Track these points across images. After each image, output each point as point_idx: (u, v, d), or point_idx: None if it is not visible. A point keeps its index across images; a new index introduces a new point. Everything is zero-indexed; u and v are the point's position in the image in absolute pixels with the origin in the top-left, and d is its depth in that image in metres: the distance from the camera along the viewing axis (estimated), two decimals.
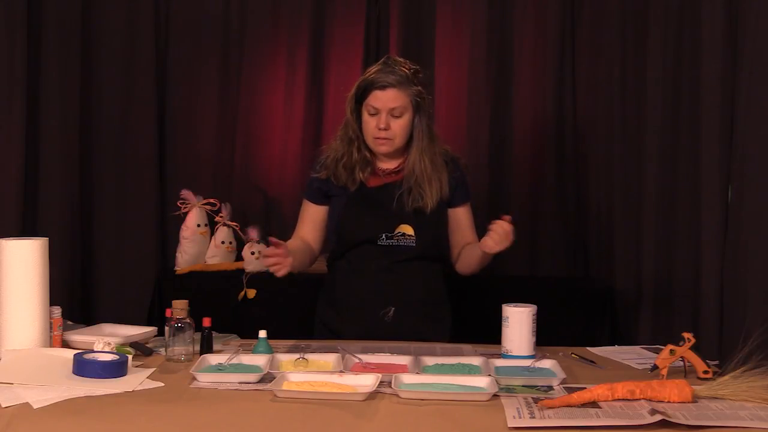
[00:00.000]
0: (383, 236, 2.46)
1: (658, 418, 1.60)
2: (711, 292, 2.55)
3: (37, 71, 3.27)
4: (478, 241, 2.44)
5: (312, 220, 2.57)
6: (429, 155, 2.49)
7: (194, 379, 1.88)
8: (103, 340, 2.07)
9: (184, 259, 3.53)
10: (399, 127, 2.45)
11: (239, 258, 3.53)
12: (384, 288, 2.46)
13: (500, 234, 2.30)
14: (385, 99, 2.42)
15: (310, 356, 2.04)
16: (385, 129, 2.43)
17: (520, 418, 1.63)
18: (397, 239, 2.47)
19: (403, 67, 2.46)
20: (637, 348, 2.36)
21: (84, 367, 1.89)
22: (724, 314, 2.49)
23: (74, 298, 3.41)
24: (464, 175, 2.59)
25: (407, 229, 2.47)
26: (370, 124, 2.46)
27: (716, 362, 2.03)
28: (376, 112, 2.44)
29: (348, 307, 2.50)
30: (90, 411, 1.69)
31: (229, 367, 1.97)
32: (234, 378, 1.88)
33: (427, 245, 2.48)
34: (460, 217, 2.57)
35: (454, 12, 3.65)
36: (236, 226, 3.53)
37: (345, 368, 1.95)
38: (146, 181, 3.63)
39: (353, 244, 2.49)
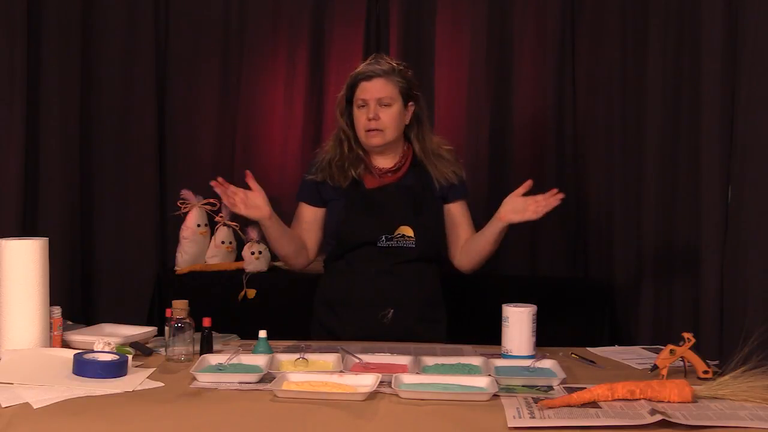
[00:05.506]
0: (383, 238, 2.46)
1: (658, 418, 1.60)
2: (711, 292, 2.55)
3: (37, 71, 3.27)
4: None
5: (308, 221, 2.57)
6: (429, 139, 2.56)
7: (194, 379, 1.89)
8: (103, 340, 2.07)
9: (184, 259, 3.54)
10: (388, 117, 2.46)
11: (239, 258, 3.53)
12: (384, 290, 2.46)
13: (545, 206, 2.35)
14: (373, 89, 2.45)
15: (310, 356, 2.04)
16: (375, 119, 2.44)
17: (520, 418, 1.63)
18: (397, 240, 2.47)
19: (390, 61, 2.51)
20: (637, 348, 2.37)
21: (84, 367, 1.89)
22: (724, 314, 2.49)
23: (74, 298, 3.41)
24: (463, 171, 2.60)
25: (407, 231, 2.47)
26: (360, 118, 2.47)
27: (716, 362, 2.03)
28: (364, 104, 2.46)
29: (346, 307, 2.50)
30: (90, 411, 1.69)
31: (229, 367, 1.97)
32: (234, 378, 1.88)
33: (427, 246, 2.49)
34: (460, 212, 2.57)
35: (454, 12, 3.65)
36: (236, 226, 3.54)
37: (345, 368, 1.95)
38: (146, 181, 3.63)
39: (353, 246, 2.49)
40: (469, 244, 2.54)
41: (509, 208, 2.40)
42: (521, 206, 2.38)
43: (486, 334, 2.30)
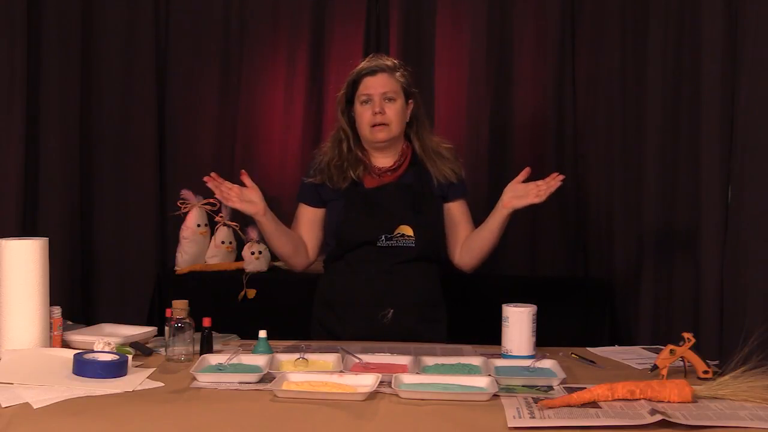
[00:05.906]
0: (383, 237, 2.46)
1: (658, 418, 1.60)
2: (711, 292, 2.55)
3: (37, 71, 3.28)
4: None
5: (308, 222, 2.57)
6: (428, 137, 2.56)
7: (194, 379, 1.88)
8: (103, 340, 2.07)
9: (184, 259, 3.54)
10: (393, 111, 2.47)
11: (239, 258, 3.53)
12: (383, 290, 2.46)
13: (547, 189, 2.35)
14: (377, 84, 2.47)
15: (310, 356, 2.04)
16: (381, 113, 2.45)
17: (520, 418, 1.63)
18: (397, 240, 2.46)
19: (390, 59, 2.55)
20: (637, 348, 2.36)
21: (84, 367, 1.89)
22: (724, 314, 2.49)
23: (74, 298, 3.41)
24: (462, 170, 2.60)
25: (407, 230, 2.47)
26: (364, 114, 2.47)
27: (716, 362, 2.03)
28: (368, 99, 2.47)
29: (346, 308, 2.50)
30: (90, 411, 1.69)
31: (229, 367, 1.97)
32: (234, 378, 1.88)
33: (426, 246, 2.49)
34: (460, 211, 2.57)
35: (454, 12, 3.66)
36: (236, 226, 3.54)
37: (345, 368, 1.95)
38: (146, 182, 3.63)
39: (352, 246, 2.48)
40: (470, 240, 2.54)
41: (511, 195, 2.41)
42: (523, 192, 2.39)
43: (486, 334, 2.30)
